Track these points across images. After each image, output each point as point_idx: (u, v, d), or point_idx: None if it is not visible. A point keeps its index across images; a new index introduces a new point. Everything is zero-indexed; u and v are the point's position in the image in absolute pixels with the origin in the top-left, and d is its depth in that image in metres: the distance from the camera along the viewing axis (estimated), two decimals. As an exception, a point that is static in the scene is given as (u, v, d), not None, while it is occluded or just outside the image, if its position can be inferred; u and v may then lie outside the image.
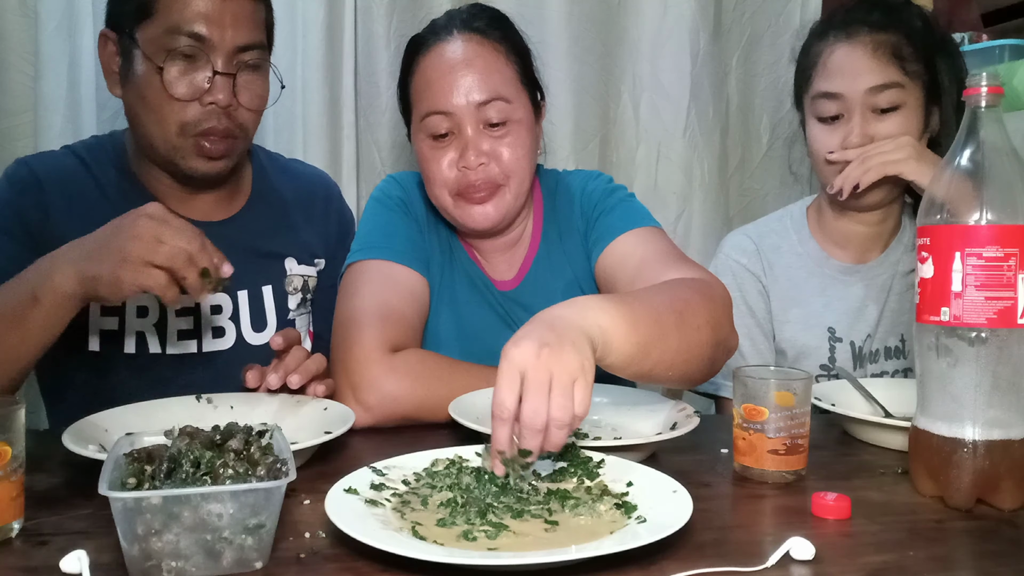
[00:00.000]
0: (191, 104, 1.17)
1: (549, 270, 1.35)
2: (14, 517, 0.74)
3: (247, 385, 1.10)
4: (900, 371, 1.45)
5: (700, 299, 1.03)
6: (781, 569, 0.68)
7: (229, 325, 1.29)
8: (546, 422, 0.77)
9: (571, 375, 0.78)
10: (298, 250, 1.37)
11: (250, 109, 1.23)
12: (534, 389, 0.77)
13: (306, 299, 1.38)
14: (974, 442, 0.82)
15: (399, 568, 0.66)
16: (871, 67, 1.33)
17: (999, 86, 0.85)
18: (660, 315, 0.95)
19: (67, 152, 1.29)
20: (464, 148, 1.23)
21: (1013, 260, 0.81)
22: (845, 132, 1.36)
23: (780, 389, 0.89)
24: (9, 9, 1.62)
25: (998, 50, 1.91)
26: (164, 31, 1.15)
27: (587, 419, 1.11)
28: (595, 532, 0.72)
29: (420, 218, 1.35)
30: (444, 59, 1.24)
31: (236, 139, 1.22)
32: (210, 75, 1.17)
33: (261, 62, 1.24)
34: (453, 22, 1.28)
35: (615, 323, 0.87)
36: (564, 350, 0.79)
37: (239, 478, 0.71)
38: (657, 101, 1.92)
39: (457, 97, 1.22)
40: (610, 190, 1.36)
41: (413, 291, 1.26)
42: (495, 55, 1.25)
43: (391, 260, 1.26)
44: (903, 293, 1.45)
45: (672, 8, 1.89)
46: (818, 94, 1.39)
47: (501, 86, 1.23)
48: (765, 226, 1.54)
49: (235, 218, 1.33)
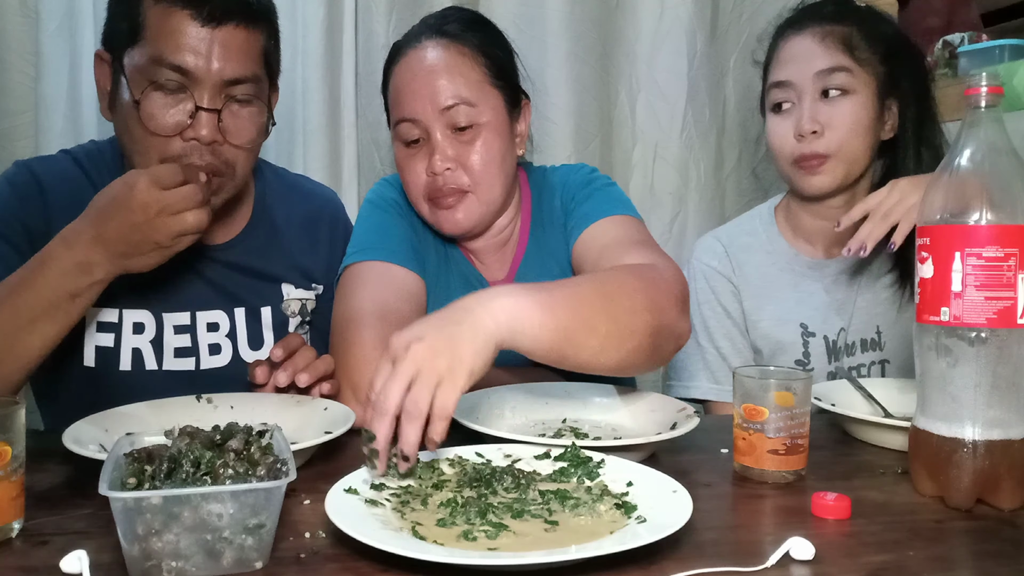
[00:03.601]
0: (173, 139, 1.11)
1: (538, 266, 1.35)
2: (14, 517, 0.74)
3: (256, 380, 1.10)
4: (877, 363, 1.45)
5: (639, 283, 1.00)
6: (781, 569, 0.68)
7: (226, 343, 1.28)
8: (394, 409, 0.79)
9: (436, 374, 0.79)
10: (296, 275, 1.35)
11: (237, 146, 1.16)
12: (394, 376, 0.79)
13: (305, 321, 1.37)
14: (974, 442, 0.82)
15: (399, 568, 0.66)
16: (819, 52, 1.37)
17: (999, 86, 0.85)
18: (584, 299, 0.93)
19: (66, 157, 1.27)
20: (432, 154, 1.23)
21: (1013, 260, 0.81)
22: (796, 118, 1.38)
23: (780, 389, 0.89)
24: (9, 9, 1.63)
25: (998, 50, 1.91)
26: (148, 60, 1.10)
27: (587, 419, 1.12)
28: (595, 532, 0.72)
29: (415, 219, 1.35)
30: (411, 66, 1.25)
31: (223, 177, 1.16)
32: (192, 109, 1.10)
33: (253, 96, 1.16)
34: (423, 28, 1.28)
35: (525, 310, 0.86)
36: (437, 347, 0.80)
37: (239, 478, 0.71)
38: (654, 102, 1.92)
39: (422, 103, 1.22)
40: (589, 179, 1.36)
41: (410, 291, 1.26)
42: (460, 58, 1.25)
43: (387, 261, 1.26)
44: (875, 285, 1.45)
45: (669, 9, 1.89)
46: (771, 85, 1.43)
47: (464, 89, 1.23)
48: (735, 227, 1.56)
49: (233, 242, 1.31)
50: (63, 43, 1.62)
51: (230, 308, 1.28)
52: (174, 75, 1.10)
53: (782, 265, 1.49)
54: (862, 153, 1.39)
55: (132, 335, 1.23)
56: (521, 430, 1.03)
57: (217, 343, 1.27)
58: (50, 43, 1.61)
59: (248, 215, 1.34)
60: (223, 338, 1.28)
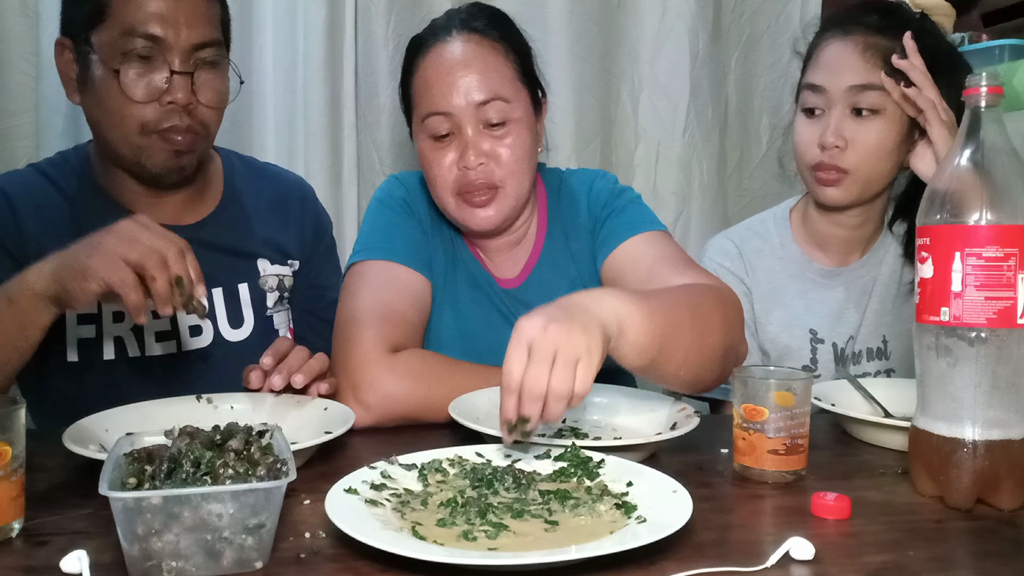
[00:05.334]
0: (150, 105, 1.16)
1: (553, 268, 1.35)
2: (14, 517, 0.74)
3: (250, 387, 1.10)
4: (883, 372, 1.45)
5: (714, 302, 1.05)
6: (781, 569, 0.68)
7: (206, 323, 1.29)
8: (545, 391, 0.80)
9: (576, 352, 0.81)
10: (271, 251, 1.37)
11: (210, 106, 1.22)
12: (537, 359, 0.80)
13: (283, 297, 1.38)
14: (974, 442, 0.82)
15: (399, 568, 0.66)
16: (856, 65, 1.34)
17: (999, 86, 0.85)
18: (677, 312, 0.96)
19: (32, 170, 1.29)
20: (464, 148, 1.23)
21: (1013, 260, 0.81)
22: (823, 127, 1.36)
23: (780, 389, 0.89)
24: (10, 9, 1.63)
25: (998, 50, 1.91)
26: (119, 34, 1.15)
27: (587, 419, 1.12)
28: (595, 532, 0.72)
29: (423, 218, 1.35)
30: (443, 60, 1.24)
31: (197, 135, 1.21)
32: (167, 75, 1.16)
33: (219, 59, 1.23)
34: (452, 22, 1.28)
35: (631, 313, 0.88)
36: (573, 328, 0.81)
37: (239, 478, 0.71)
38: (656, 101, 1.92)
39: (456, 97, 1.22)
40: (619, 191, 1.36)
41: (414, 291, 1.26)
42: (494, 54, 1.25)
43: (392, 260, 1.26)
44: (884, 295, 1.45)
45: (671, 8, 1.89)
46: (805, 85, 1.41)
47: (500, 86, 1.23)
48: (748, 229, 1.55)
49: (206, 221, 1.33)
50: (63, 43, 1.62)
51: (207, 288, 1.28)
52: (147, 43, 1.15)
53: (793, 271, 1.48)
54: (882, 175, 1.37)
55: (113, 323, 1.23)
56: (521, 430, 1.02)
57: (198, 324, 1.28)
58: (50, 43, 1.59)
59: (218, 197, 1.36)
60: (203, 319, 1.28)
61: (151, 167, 1.21)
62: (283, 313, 1.39)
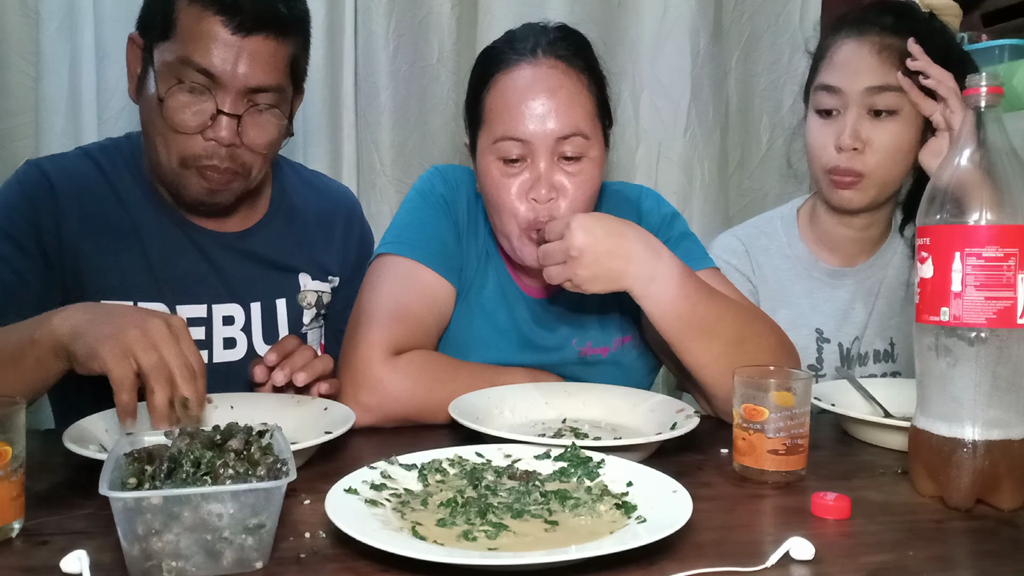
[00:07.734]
0: (194, 137, 1.13)
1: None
2: (14, 517, 0.74)
3: (255, 379, 1.10)
4: (888, 374, 1.45)
5: (774, 335, 1.17)
6: (781, 569, 0.68)
7: (241, 336, 1.27)
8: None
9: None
10: (313, 266, 1.35)
11: (254, 150, 1.18)
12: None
13: (320, 314, 1.37)
14: (974, 442, 0.82)
15: (399, 568, 0.66)
16: (873, 66, 1.33)
17: (999, 86, 0.85)
18: (724, 308, 1.10)
19: (81, 155, 1.26)
20: (536, 180, 1.16)
21: (1013, 260, 0.81)
22: (839, 129, 1.35)
23: (780, 389, 0.89)
24: (10, 9, 1.62)
25: (998, 50, 1.91)
26: (176, 59, 1.11)
27: (587, 419, 1.12)
28: (595, 532, 0.72)
29: (460, 218, 1.30)
30: (527, 83, 1.16)
31: (237, 175, 1.18)
32: (214, 111, 1.12)
33: (274, 104, 1.17)
34: (538, 42, 1.19)
35: (676, 268, 1.07)
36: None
37: (239, 478, 0.71)
38: (657, 101, 1.92)
39: (536, 127, 1.14)
40: (668, 217, 1.33)
41: (436, 296, 1.23)
42: (579, 87, 1.18)
43: (419, 261, 1.22)
44: (891, 297, 1.45)
45: (672, 8, 1.89)
46: (819, 86, 1.39)
47: (582, 121, 1.17)
48: (755, 227, 1.54)
49: (251, 230, 1.31)
50: (63, 43, 1.62)
51: (246, 302, 1.28)
52: (200, 77, 1.11)
53: (799, 270, 1.48)
54: (897, 176, 1.37)
55: None
56: (521, 430, 1.03)
57: (232, 337, 1.27)
58: (50, 43, 1.61)
59: (266, 206, 1.34)
60: (238, 332, 1.28)
61: (186, 197, 1.19)
62: (317, 331, 1.38)
